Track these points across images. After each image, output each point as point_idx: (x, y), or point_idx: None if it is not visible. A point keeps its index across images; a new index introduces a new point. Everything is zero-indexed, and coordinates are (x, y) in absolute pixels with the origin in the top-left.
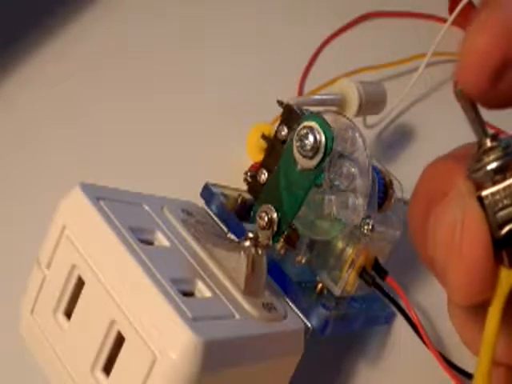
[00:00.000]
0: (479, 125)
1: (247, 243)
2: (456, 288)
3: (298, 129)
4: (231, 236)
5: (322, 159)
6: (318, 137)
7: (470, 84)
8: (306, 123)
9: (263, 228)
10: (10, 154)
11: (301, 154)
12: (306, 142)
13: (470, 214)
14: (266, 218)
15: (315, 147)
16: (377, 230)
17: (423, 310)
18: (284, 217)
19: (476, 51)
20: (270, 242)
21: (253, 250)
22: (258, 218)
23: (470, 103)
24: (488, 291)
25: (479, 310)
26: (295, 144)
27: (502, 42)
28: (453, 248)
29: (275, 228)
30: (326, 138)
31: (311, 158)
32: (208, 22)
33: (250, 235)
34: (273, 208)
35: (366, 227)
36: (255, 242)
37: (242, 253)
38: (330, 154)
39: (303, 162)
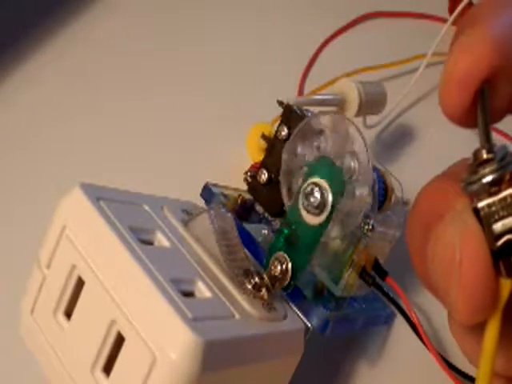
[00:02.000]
0: (486, 129)
1: (249, 286)
2: (459, 307)
3: (304, 186)
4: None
5: (330, 215)
6: (325, 194)
7: (453, 106)
8: (311, 180)
9: (274, 276)
10: (10, 154)
11: (306, 210)
12: (312, 199)
13: (468, 228)
14: (279, 268)
15: (322, 204)
16: (377, 230)
17: (423, 310)
18: (295, 268)
19: (459, 72)
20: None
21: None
22: (271, 267)
23: (483, 106)
24: (492, 308)
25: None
26: (300, 201)
27: (485, 60)
28: (453, 267)
29: (288, 278)
30: (333, 194)
31: (318, 214)
32: (208, 23)
33: (257, 280)
34: (287, 257)
35: (366, 227)
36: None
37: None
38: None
39: (309, 219)
